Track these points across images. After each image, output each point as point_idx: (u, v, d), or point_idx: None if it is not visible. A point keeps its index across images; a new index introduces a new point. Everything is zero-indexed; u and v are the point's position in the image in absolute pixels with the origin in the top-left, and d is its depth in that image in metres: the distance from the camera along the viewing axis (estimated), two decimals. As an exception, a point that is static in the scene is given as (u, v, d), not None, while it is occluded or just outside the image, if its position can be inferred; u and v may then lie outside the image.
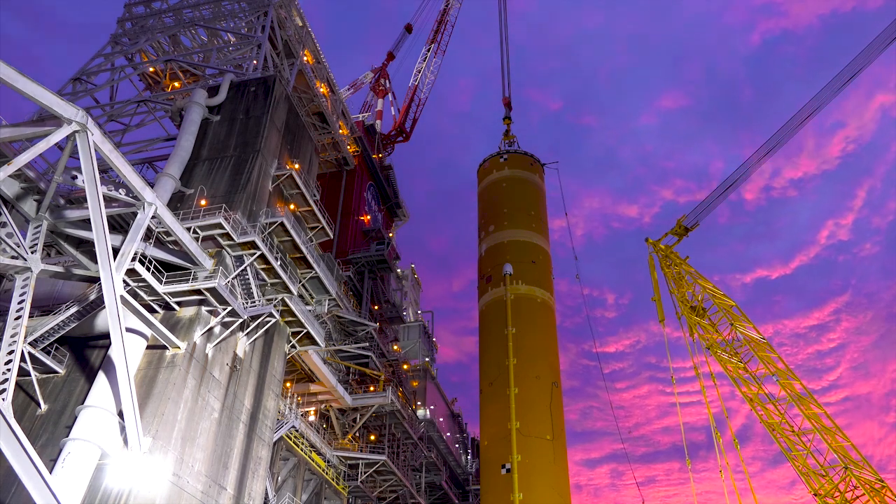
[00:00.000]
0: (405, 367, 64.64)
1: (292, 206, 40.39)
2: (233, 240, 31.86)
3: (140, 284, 27.69)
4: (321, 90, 58.63)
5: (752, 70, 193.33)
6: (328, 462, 45.48)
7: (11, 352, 22.91)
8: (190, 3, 54.76)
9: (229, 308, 29.71)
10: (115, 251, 25.13)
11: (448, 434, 71.31)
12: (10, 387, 21.83)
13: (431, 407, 66.44)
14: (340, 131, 63.31)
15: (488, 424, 57.86)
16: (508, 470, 52.18)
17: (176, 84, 48.87)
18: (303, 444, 41.88)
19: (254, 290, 33.08)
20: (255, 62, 46.28)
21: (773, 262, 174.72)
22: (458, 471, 73.32)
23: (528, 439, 53.33)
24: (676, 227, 55.59)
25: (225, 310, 29.79)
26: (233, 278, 31.97)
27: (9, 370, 22.37)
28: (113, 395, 24.51)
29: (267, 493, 35.11)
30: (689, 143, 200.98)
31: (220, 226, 31.23)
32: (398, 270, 76.86)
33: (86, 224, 27.10)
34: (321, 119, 59.85)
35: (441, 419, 69.84)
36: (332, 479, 45.47)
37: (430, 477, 63.05)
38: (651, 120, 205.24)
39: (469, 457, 78.85)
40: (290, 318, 35.42)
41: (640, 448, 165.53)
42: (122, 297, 24.32)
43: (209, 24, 52.77)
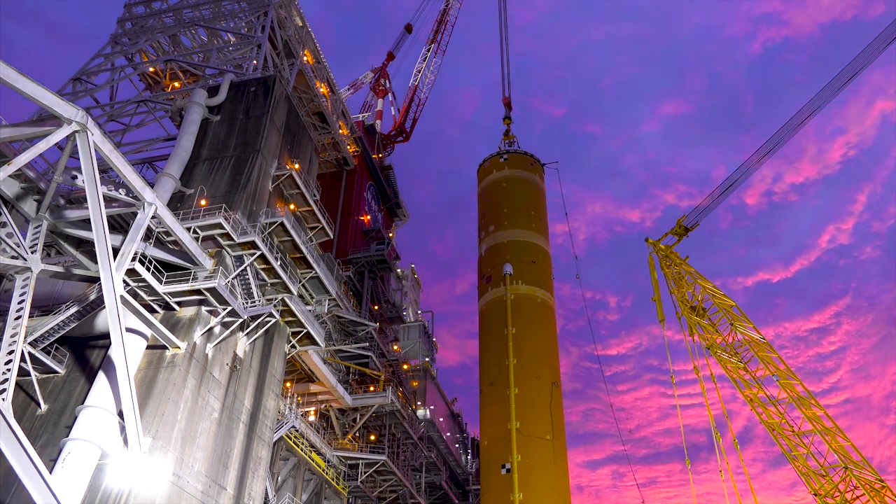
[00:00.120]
0: (405, 367, 64.63)
1: (292, 206, 40.39)
2: (233, 240, 31.88)
3: (140, 284, 27.70)
4: (321, 90, 58.63)
5: (754, 78, 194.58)
6: (328, 462, 45.48)
7: (11, 352, 22.92)
8: (190, 3, 54.76)
9: (229, 308, 29.73)
10: (115, 251, 25.13)
11: (448, 434, 71.30)
12: (10, 387, 21.84)
13: (431, 407, 66.44)
14: (340, 131, 63.31)
15: (488, 424, 57.85)
16: (508, 470, 52.17)
17: (176, 84, 48.87)
18: (303, 444, 41.88)
19: (254, 290, 33.08)
20: (255, 62, 46.28)
21: (775, 266, 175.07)
22: (458, 471, 73.30)
23: (528, 439, 53.32)
24: (676, 227, 55.55)
25: (225, 310, 29.80)
26: (233, 278, 31.98)
27: (9, 370, 22.38)
28: (113, 395, 24.52)
29: (267, 493, 35.11)
30: (691, 149, 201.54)
31: (220, 226, 31.25)
32: (398, 270, 76.84)
33: (86, 224, 27.10)
34: (321, 119, 59.85)
35: (441, 419, 69.84)
36: (332, 479, 45.47)
37: (430, 477, 63.05)
38: (654, 127, 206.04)
39: (469, 457, 78.83)
40: (290, 318, 35.42)
41: (641, 450, 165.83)
42: (122, 297, 24.33)
43: (209, 24, 52.78)
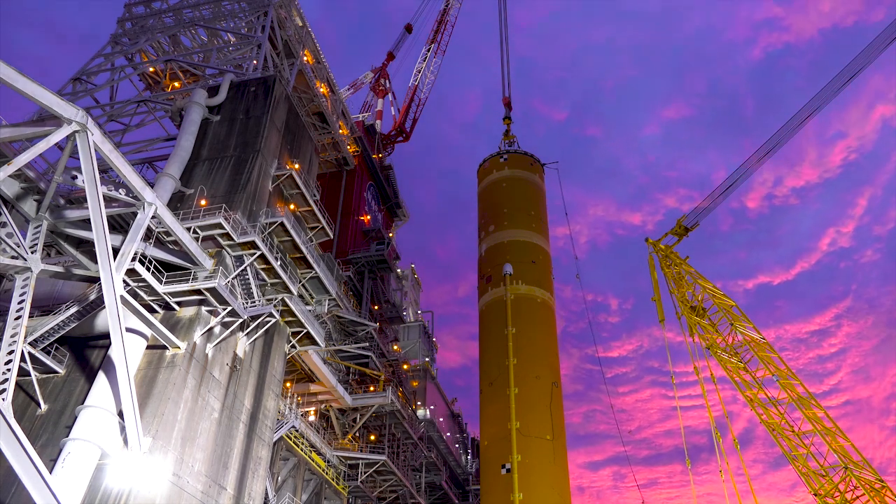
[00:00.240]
0: (405, 367, 64.64)
1: (292, 206, 40.39)
2: (233, 240, 31.87)
3: (140, 284, 27.69)
4: (321, 90, 58.62)
5: (755, 83, 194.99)
6: (328, 462, 45.49)
7: (11, 352, 22.92)
8: (190, 3, 54.75)
9: (229, 308, 29.72)
10: (115, 251, 25.14)
11: (448, 434, 71.30)
12: (10, 387, 21.84)
13: (431, 407, 66.45)
14: (340, 131, 63.31)
15: (488, 424, 57.84)
16: (508, 470, 52.16)
17: (176, 84, 48.87)
18: (303, 444, 41.88)
19: (254, 290, 33.08)
20: (255, 62, 46.27)
21: (775, 269, 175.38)
22: (458, 471, 73.30)
23: (528, 439, 53.31)
24: (676, 227, 55.54)
25: (225, 310, 29.80)
26: (233, 278, 31.98)
27: (9, 370, 22.38)
28: (113, 395, 24.53)
29: (267, 493, 35.11)
30: (692, 153, 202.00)
31: (220, 226, 31.25)
32: (398, 270, 76.84)
33: (86, 224, 27.10)
34: (321, 119, 59.85)
35: (441, 419, 69.85)
36: (332, 479, 45.48)
37: (430, 477, 63.05)
38: (654, 130, 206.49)
39: (469, 457, 78.83)
40: (290, 318, 35.41)
41: (642, 451, 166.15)
42: (122, 297, 24.33)
43: (209, 24, 52.77)
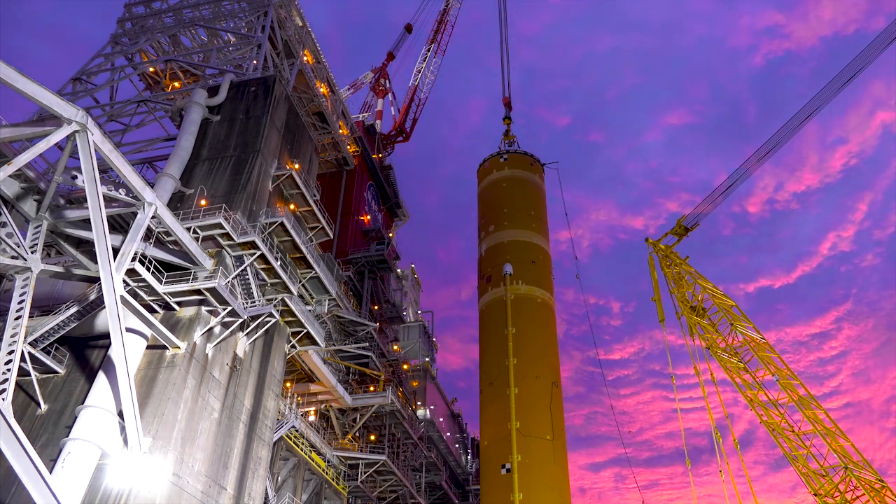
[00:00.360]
0: (405, 367, 64.63)
1: (292, 206, 40.39)
2: (233, 240, 31.87)
3: (140, 284, 27.69)
4: (321, 90, 58.62)
5: (756, 90, 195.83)
6: (328, 462, 45.48)
7: (11, 352, 22.92)
8: (190, 3, 54.74)
9: (229, 308, 29.72)
10: (115, 251, 25.13)
11: (448, 434, 71.31)
12: (10, 387, 21.84)
13: (431, 407, 66.45)
14: (340, 131, 63.31)
15: (488, 424, 57.84)
16: (508, 470, 52.17)
17: (176, 84, 48.87)
18: (303, 444, 41.88)
19: (254, 290, 33.08)
20: (255, 62, 46.27)
21: (776, 272, 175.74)
22: (458, 471, 73.30)
23: (528, 439, 53.32)
24: (676, 227, 55.57)
25: (225, 310, 29.80)
26: (233, 278, 31.98)
27: (9, 370, 22.38)
28: (113, 395, 24.52)
29: (267, 493, 35.11)
30: (694, 158, 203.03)
31: (220, 226, 31.24)
32: (398, 270, 76.85)
33: (86, 224, 27.10)
34: (321, 119, 59.85)
35: (441, 419, 69.84)
36: (332, 479, 45.48)
37: (430, 477, 63.05)
38: (657, 136, 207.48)
39: (469, 457, 78.84)
40: (290, 318, 35.41)
41: (643, 452, 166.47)
42: (122, 297, 24.32)
43: (209, 24, 52.77)
